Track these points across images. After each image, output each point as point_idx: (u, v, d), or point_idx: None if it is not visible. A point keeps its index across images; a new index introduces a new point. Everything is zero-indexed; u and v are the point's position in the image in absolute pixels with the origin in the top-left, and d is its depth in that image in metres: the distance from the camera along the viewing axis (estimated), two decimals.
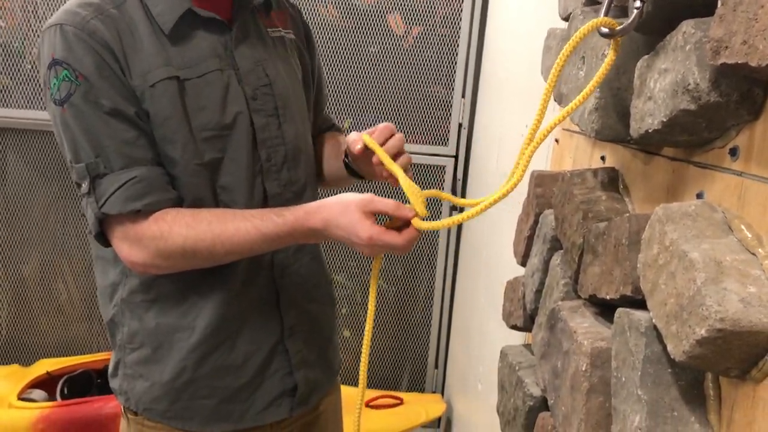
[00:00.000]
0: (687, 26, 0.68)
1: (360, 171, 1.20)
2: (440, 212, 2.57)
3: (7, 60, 2.48)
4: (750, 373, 0.61)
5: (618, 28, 0.77)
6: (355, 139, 1.08)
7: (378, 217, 0.99)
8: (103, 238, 1.05)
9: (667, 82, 0.71)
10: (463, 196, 2.58)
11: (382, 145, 1.06)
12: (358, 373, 1.07)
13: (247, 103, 1.09)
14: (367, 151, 1.07)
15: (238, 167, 1.09)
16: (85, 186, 1.01)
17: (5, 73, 2.49)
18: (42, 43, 1.02)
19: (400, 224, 0.99)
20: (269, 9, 1.18)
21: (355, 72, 2.56)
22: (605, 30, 0.78)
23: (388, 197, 1.01)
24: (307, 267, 1.21)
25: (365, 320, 1.07)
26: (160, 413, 1.14)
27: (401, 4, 2.52)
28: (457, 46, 2.52)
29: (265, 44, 1.15)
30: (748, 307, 0.57)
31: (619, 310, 0.76)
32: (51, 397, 2.35)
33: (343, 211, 0.99)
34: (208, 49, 1.07)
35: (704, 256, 0.61)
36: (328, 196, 1.05)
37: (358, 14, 2.52)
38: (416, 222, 0.98)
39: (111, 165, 1.00)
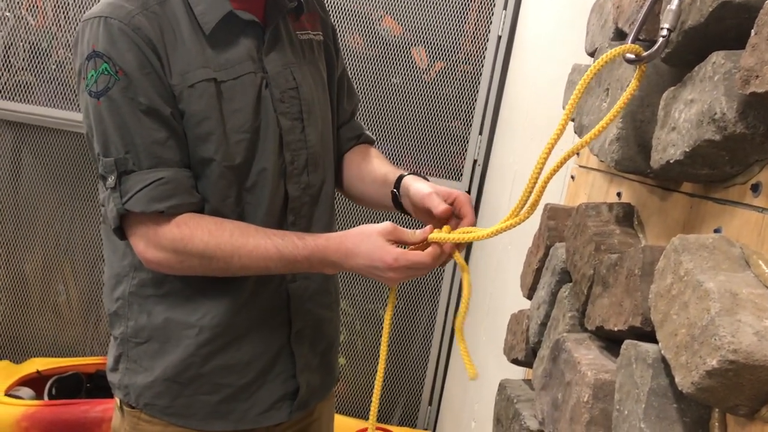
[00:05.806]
0: (717, 57, 0.68)
1: (408, 209, 1.17)
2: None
3: (33, 58, 2.50)
4: (759, 411, 0.58)
5: (644, 54, 0.77)
6: (425, 195, 1.08)
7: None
8: (121, 232, 1.05)
9: (692, 113, 0.71)
10: None
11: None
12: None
13: (275, 106, 1.10)
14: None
15: (265, 169, 1.09)
16: (111, 180, 1.01)
17: (30, 71, 2.51)
18: (81, 33, 1.01)
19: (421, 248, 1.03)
20: (300, 13, 1.19)
21: (376, 101, 2.57)
22: (631, 56, 0.78)
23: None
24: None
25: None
26: (160, 409, 1.12)
27: (426, 39, 2.54)
28: (479, 83, 2.53)
29: (294, 48, 1.15)
30: (763, 341, 0.55)
31: (627, 342, 0.74)
32: (38, 396, 2.33)
33: (364, 239, 1.00)
34: (244, 52, 1.08)
35: (720, 287, 0.60)
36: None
37: (383, 45, 2.54)
38: (431, 236, 1.01)
39: (140, 163, 1.00)
